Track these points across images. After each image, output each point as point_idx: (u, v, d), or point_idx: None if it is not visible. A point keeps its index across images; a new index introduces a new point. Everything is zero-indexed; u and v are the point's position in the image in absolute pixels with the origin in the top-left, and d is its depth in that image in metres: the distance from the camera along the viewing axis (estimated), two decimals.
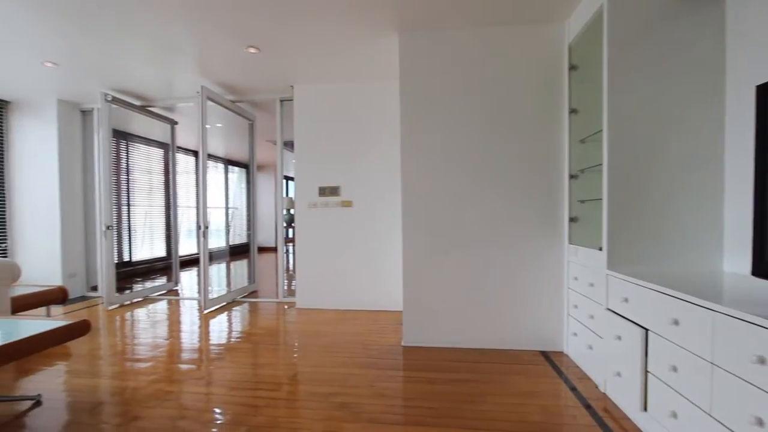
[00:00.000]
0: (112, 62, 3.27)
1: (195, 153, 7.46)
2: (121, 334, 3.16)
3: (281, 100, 4.13)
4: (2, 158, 4.26)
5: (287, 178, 8.25)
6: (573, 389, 2.11)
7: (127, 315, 3.72)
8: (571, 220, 2.58)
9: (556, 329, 2.67)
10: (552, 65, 2.65)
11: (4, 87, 3.83)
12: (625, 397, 1.81)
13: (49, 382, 2.25)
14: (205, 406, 1.95)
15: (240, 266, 7.11)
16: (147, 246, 5.92)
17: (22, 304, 3.06)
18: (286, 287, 4.30)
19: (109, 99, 3.84)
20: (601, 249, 2.06)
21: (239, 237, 9.20)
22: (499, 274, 2.71)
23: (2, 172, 4.26)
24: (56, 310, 3.87)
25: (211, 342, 2.93)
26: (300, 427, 1.75)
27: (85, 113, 4.57)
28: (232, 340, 2.97)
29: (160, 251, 6.25)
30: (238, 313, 3.75)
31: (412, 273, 2.79)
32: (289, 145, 4.36)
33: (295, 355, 2.63)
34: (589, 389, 2.10)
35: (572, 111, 2.56)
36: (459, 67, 2.73)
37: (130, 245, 5.44)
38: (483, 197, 2.72)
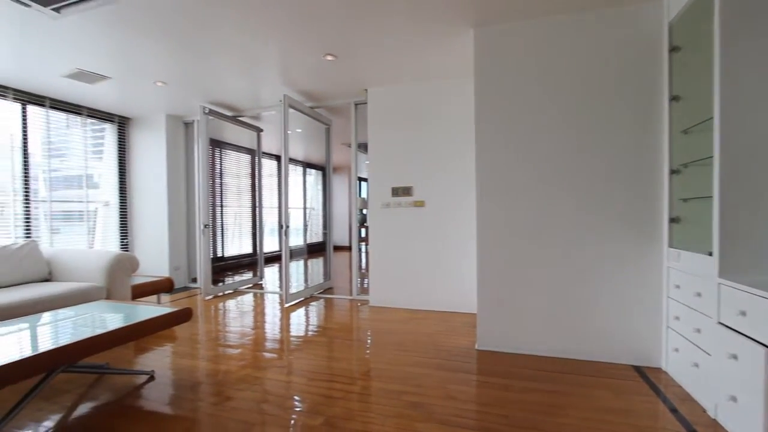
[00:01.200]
0: (209, 79, 3.66)
1: (277, 157, 8.01)
2: (215, 322, 3.50)
3: (356, 104, 4.27)
4: (125, 167, 4.99)
5: (361, 179, 8.50)
6: (674, 411, 1.87)
7: (220, 305, 4.13)
8: (672, 220, 2.30)
9: (653, 343, 2.39)
10: (647, 48, 2.38)
11: (127, 106, 4.48)
12: (742, 427, 1.56)
13: (159, 360, 2.58)
14: (286, 392, 2.09)
15: (316, 264, 7.49)
16: (236, 243, 6.51)
17: (139, 292, 3.55)
18: (359, 285, 4.43)
19: (207, 111, 4.29)
20: (710, 254, 1.80)
21: (315, 236, 9.71)
22: (586, 279, 2.51)
23: (125, 179, 4.99)
24: (164, 298, 4.43)
25: (291, 334, 3.12)
26: (372, 421, 1.78)
27: (187, 125, 5.16)
28: (310, 333, 3.14)
29: (248, 248, 6.84)
30: (315, 308, 3.94)
31: (487, 274, 2.71)
32: (362, 147, 4.49)
33: (368, 352, 2.69)
34: (695, 413, 1.85)
35: (673, 98, 2.28)
36: (538, 58, 2.59)
37: (222, 242, 6.03)
38: (568, 195, 2.54)
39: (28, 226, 3.97)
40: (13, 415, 1.73)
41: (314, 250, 9.28)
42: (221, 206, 5.74)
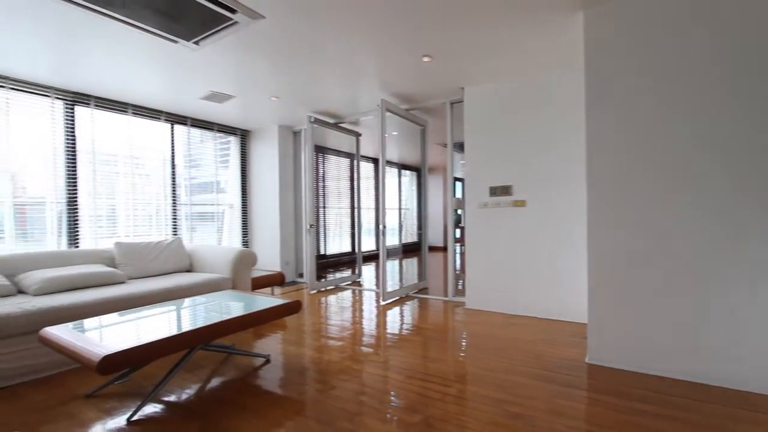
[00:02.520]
0: (315, 90, 3.97)
1: (374, 160, 8.32)
2: (319, 314, 3.78)
3: (451, 103, 4.23)
4: (246, 174, 5.69)
5: (456, 179, 8.37)
6: None
7: (322, 299, 4.44)
8: None
9: None
10: None
11: (247, 120, 5.10)
12: None
13: (273, 346, 2.88)
14: (383, 387, 2.16)
15: (411, 264, 7.58)
16: (337, 242, 6.93)
17: (257, 283, 4.01)
18: (454, 287, 4.37)
19: (312, 120, 4.66)
20: None
21: (410, 236, 9.85)
22: (730, 291, 2.11)
23: (246, 184, 5.69)
24: (276, 290, 4.92)
25: (387, 331, 3.22)
26: (470, 426, 1.75)
27: (295, 133, 5.66)
28: (405, 331, 3.20)
29: (347, 247, 7.23)
30: (410, 308, 4.00)
31: (601, 281, 2.45)
32: (458, 146, 4.43)
33: (464, 355, 2.64)
34: None
35: None
36: (666, 33, 2.26)
37: (324, 241, 6.47)
38: (705, 195, 2.17)
39: (174, 225, 4.77)
40: (166, 382, 2.09)
41: (409, 250, 9.43)
42: (324, 207, 6.18)
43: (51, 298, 2.55)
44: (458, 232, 8.58)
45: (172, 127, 4.73)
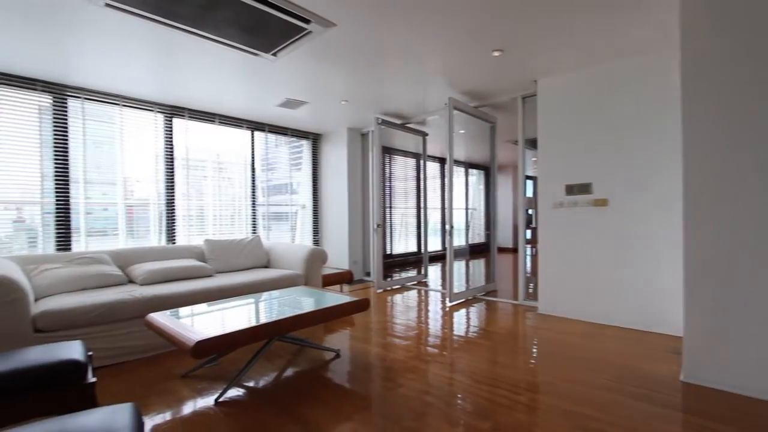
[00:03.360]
0: (382, 92, 4.04)
1: (440, 160, 8.24)
2: (385, 313, 3.84)
3: (523, 98, 4.04)
4: (317, 175, 5.96)
5: (528, 178, 7.98)
6: None
7: (389, 298, 4.50)
8: None
9: None
10: None
11: (318, 124, 5.34)
12: None
13: (342, 342, 2.99)
14: (450, 389, 2.13)
15: (478, 265, 7.38)
16: (403, 242, 6.98)
17: (326, 281, 4.17)
18: (525, 290, 4.17)
19: (380, 122, 4.75)
20: None
21: (477, 237, 9.59)
22: None
23: (317, 185, 5.96)
24: (345, 288, 5.09)
25: (454, 332, 3.17)
26: None
27: (363, 135, 5.81)
28: (472, 334, 3.12)
29: (413, 247, 7.25)
30: (478, 310, 3.90)
31: (699, 290, 2.18)
32: (529, 143, 4.22)
33: (536, 363, 2.51)
34: None
35: None
36: None
37: (391, 240, 6.55)
38: None
39: (254, 224, 5.16)
40: (248, 369, 2.27)
41: (476, 251, 9.18)
42: (390, 207, 6.26)
43: (154, 288, 2.91)
44: (529, 232, 8.17)
45: (252, 134, 5.12)
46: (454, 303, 4.18)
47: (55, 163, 3.59)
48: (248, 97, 4.12)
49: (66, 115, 3.64)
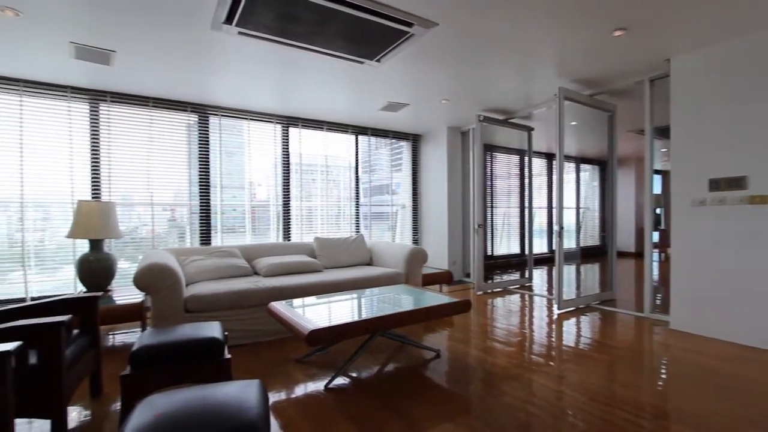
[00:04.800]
0: (484, 88, 3.91)
1: (547, 155, 7.67)
2: (486, 316, 3.71)
3: (651, 80, 3.54)
4: (417, 176, 6.04)
5: (655, 172, 6.97)
6: None
7: (489, 301, 4.34)
8: None
9: None
10: None
11: (418, 125, 5.41)
12: None
13: (442, 342, 2.98)
14: (557, 403, 1.97)
15: (591, 270, 6.68)
16: (505, 243, 6.67)
17: (426, 280, 4.20)
18: (652, 301, 3.64)
19: (481, 119, 4.61)
20: None
21: (591, 239, 8.66)
22: None
23: (416, 186, 6.04)
24: (444, 288, 5.06)
25: (563, 342, 2.92)
26: None
27: (463, 134, 5.70)
28: (585, 346, 2.84)
29: (516, 248, 6.87)
30: (591, 320, 3.53)
31: None
32: (658, 131, 3.68)
33: (665, 385, 2.18)
34: None
35: None
36: None
37: (492, 241, 6.31)
38: None
39: (357, 223, 5.45)
40: (353, 360, 2.42)
41: (589, 254, 8.31)
42: (492, 207, 6.03)
43: (274, 280, 3.27)
44: (656, 235, 7.15)
45: (356, 138, 5.41)
46: (564, 311, 3.86)
47: (199, 171, 4.27)
48: (353, 104, 4.37)
49: (207, 130, 4.31)
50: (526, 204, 5.72)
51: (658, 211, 8.09)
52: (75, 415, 1.94)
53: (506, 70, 3.46)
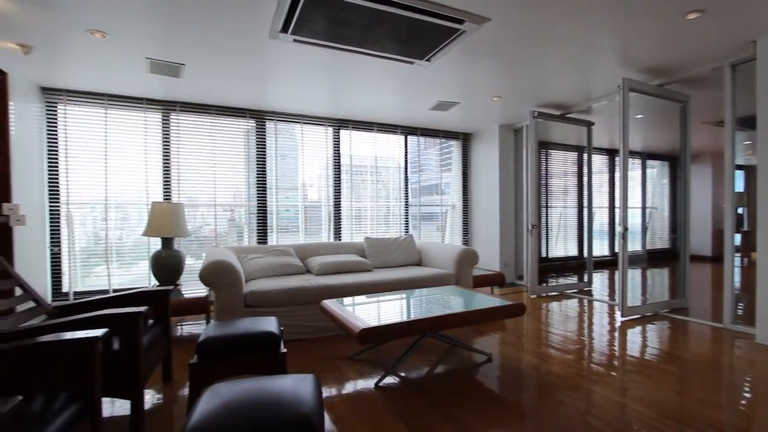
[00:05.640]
0: (539, 83, 3.75)
1: (608, 151, 7.19)
2: (540, 321, 3.55)
3: (732, 66, 3.19)
4: (467, 175, 5.93)
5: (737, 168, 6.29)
6: None
7: (544, 305, 4.15)
8: None
9: None
10: None
11: (468, 123, 5.30)
12: None
13: (494, 346, 2.90)
14: (621, 417, 1.84)
15: (659, 275, 6.17)
16: (561, 244, 6.34)
17: (477, 282, 4.12)
18: (733, 311, 3.28)
19: (536, 115, 4.43)
20: None
21: (658, 241, 7.98)
22: None
23: (467, 185, 5.93)
24: (496, 290, 4.92)
25: (627, 352, 2.72)
26: None
27: (516, 131, 5.50)
28: (653, 357, 2.62)
29: (573, 250, 6.51)
30: (660, 329, 3.26)
31: None
32: (741, 122, 3.31)
33: (749, 404, 1.95)
34: None
35: None
36: None
37: (547, 243, 6.03)
38: None
39: (406, 223, 5.45)
40: (403, 360, 2.42)
41: (656, 258, 7.68)
42: (546, 207, 5.76)
43: (326, 278, 3.36)
44: (738, 237, 6.46)
45: (406, 138, 5.42)
46: (628, 318, 3.59)
47: (257, 174, 4.51)
48: (402, 104, 4.38)
49: (264, 134, 4.53)
50: (585, 203, 5.39)
51: (740, 210, 7.29)
52: (149, 397, 2.13)
53: (563, 63, 3.29)
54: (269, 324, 2.03)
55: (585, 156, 5.18)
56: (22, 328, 1.62)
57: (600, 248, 7.36)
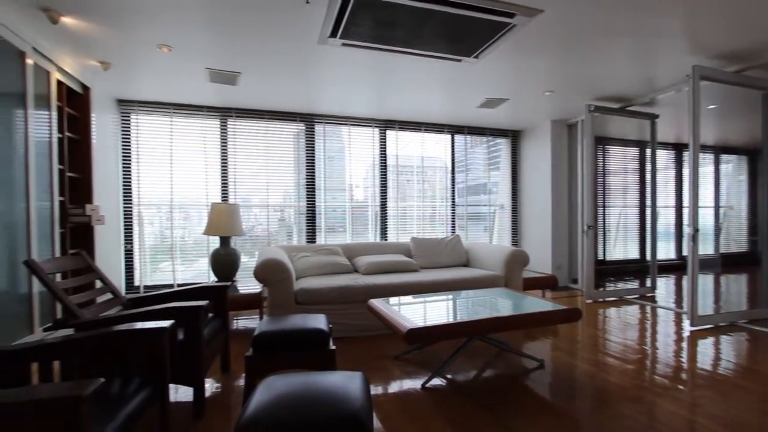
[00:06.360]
0: (596, 75, 3.54)
1: (675, 146, 6.64)
2: (596, 327, 3.35)
3: None
4: (516, 174, 5.74)
5: None
6: None
7: (601, 311, 3.91)
8: None
9: None
10: None
11: (518, 120, 5.13)
12: None
13: (546, 352, 2.78)
14: None
15: (736, 282, 5.60)
16: (620, 246, 5.94)
17: (527, 285, 3.97)
18: None
19: (592, 109, 4.19)
20: None
21: (734, 244, 7.23)
22: None
23: (516, 184, 5.74)
24: (547, 294, 4.71)
25: (698, 365, 2.49)
26: None
27: (570, 126, 5.24)
28: (729, 371, 2.38)
29: (633, 253, 6.08)
30: (737, 342, 2.95)
31: None
32: None
33: None
34: None
35: None
36: None
37: (604, 245, 5.67)
38: None
39: (452, 223, 5.38)
40: (450, 362, 2.39)
41: (732, 262, 6.95)
42: (603, 206, 5.42)
43: (373, 278, 3.40)
44: None
45: (452, 137, 5.35)
46: (698, 328, 3.30)
47: (306, 175, 4.66)
48: (449, 103, 4.33)
49: (313, 137, 4.67)
50: (648, 203, 5.01)
51: None
52: (209, 386, 2.27)
53: (624, 53, 3.08)
54: (319, 321, 2.09)
55: (648, 151, 4.82)
56: (102, 317, 1.79)
57: (665, 251, 6.81)
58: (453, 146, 5.36)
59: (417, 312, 2.43)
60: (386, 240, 4.97)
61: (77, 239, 3.22)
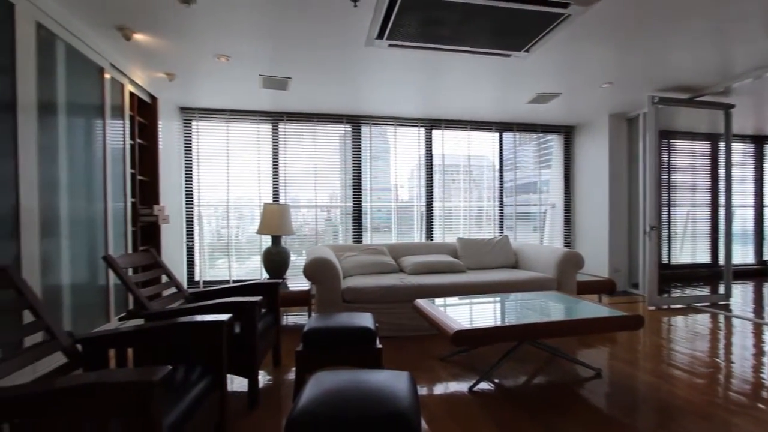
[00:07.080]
0: (660, 63, 3.29)
1: (753, 139, 6.00)
2: (660, 335, 3.11)
3: None
4: (569, 172, 5.46)
5: None
6: None
7: (666, 319, 3.62)
8: None
9: None
10: None
11: (572, 115, 4.87)
12: None
13: (603, 360, 2.62)
14: None
15: None
16: (687, 249, 5.46)
17: (581, 288, 3.77)
18: None
19: (656, 101, 3.89)
20: None
21: None
22: None
23: (569, 183, 5.46)
24: (604, 299, 4.44)
25: None
26: None
27: (630, 120, 4.90)
28: None
29: (703, 256, 5.56)
30: None
31: None
32: None
33: None
34: None
35: None
36: None
37: (669, 247, 5.24)
38: None
39: (500, 224, 5.23)
40: (499, 366, 2.33)
41: None
42: (668, 206, 5.01)
43: (419, 278, 3.39)
44: None
45: (501, 135, 5.20)
46: None
47: (352, 176, 4.74)
48: (497, 100, 4.21)
49: (359, 138, 4.75)
50: (722, 202, 4.57)
51: None
52: (262, 378, 2.38)
53: (693, 38, 2.83)
54: (366, 319, 2.12)
55: (721, 145, 4.40)
56: (168, 309, 1.94)
57: (742, 255, 6.17)
58: (501, 144, 5.21)
59: (464, 313, 2.39)
60: (431, 240, 4.93)
61: (146, 237, 3.51)
